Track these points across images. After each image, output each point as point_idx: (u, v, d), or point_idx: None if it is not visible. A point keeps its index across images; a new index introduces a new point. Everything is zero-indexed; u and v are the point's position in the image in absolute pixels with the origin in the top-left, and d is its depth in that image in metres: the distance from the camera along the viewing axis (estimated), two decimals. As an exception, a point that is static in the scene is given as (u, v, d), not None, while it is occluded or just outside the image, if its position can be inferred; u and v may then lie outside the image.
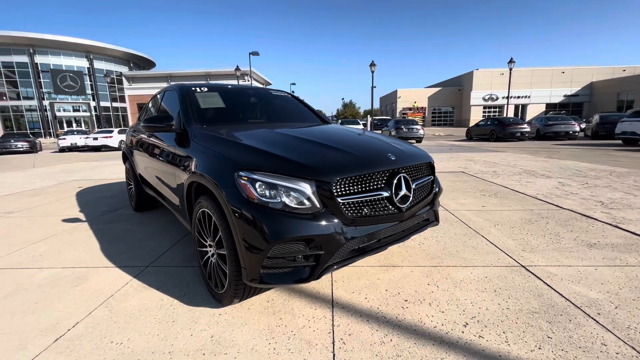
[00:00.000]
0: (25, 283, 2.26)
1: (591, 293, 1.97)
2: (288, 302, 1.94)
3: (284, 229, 1.48)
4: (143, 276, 2.31)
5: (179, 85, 2.84)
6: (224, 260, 1.78)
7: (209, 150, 1.94)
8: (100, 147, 17.13)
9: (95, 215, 3.97)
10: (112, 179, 6.89)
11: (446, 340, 1.57)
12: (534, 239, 2.86)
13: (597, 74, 39.85)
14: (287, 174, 1.57)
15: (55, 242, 3.04)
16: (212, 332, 1.67)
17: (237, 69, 23.99)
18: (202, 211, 1.90)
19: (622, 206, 3.83)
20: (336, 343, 1.57)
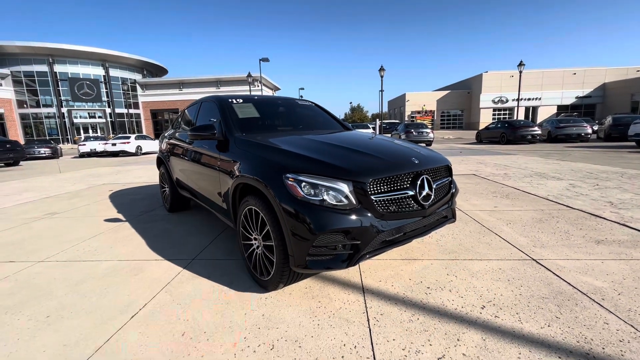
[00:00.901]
0: (90, 273, 2.58)
1: (597, 282, 2.18)
2: (324, 289, 2.21)
3: (327, 222, 1.76)
4: (191, 267, 2.61)
5: (217, 97, 3.15)
6: (270, 251, 2.06)
7: (254, 156, 2.23)
8: (118, 152, 17.76)
9: (134, 215, 4.31)
10: (138, 183, 7.29)
11: (466, 319, 1.82)
12: (544, 236, 3.07)
13: (609, 74, 39.34)
14: (328, 175, 1.85)
15: (105, 239, 3.38)
16: (263, 311, 1.95)
17: (249, 75, 24.56)
18: (248, 209, 2.19)
19: (631, 206, 3.99)
20: (371, 320, 1.83)
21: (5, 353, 1.65)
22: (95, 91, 36.23)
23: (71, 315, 1.98)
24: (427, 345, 1.61)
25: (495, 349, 1.57)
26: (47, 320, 1.94)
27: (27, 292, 2.29)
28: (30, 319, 1.95)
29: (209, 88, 38.17)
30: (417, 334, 1.71)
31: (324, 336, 1.71)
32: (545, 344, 1.60)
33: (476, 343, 1.62)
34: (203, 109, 3.40)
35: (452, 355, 1.54)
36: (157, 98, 38.86)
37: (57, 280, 2.46)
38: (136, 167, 11.27)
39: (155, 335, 1.75)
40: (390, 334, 1.71)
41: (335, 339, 1.68)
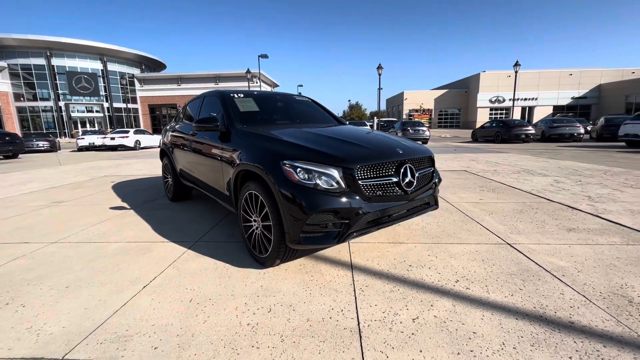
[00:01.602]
0: (101, 252, 2.80)
1: (561, 262, 2.44)
2: (316, 266, 2.45)
3: (319, 203, 1.99)
4: (195, 248, 2.84)
5: (219, 92, 3.37)
6: (268, 230, 2.28)
7: (255, 145, 2.45)
8: (117, 146, 17.88)
9: (137, 204, 4.52)
10: (138, 175, 7.48)
11: (440, 290, 2.06)
12: (521, 225, 3.32)
13: (605, 76, 39.79)
14: (320, 162, 2.08)
15: (112, 224, 3.60)
16: (261, 283, 2.19)
17: (248, 72, 24.68)
18: (249, 193, 2.42)
19: (607, 200, 4.26)
20: (357, 291, 2.07)
21: (34, 314, 1.87)
22: (93, 85, 36.18)
23: (88, 286, 2.20)
24: (404, 309, 1.85)
25: (462, 312, 1.82)
26: (66, 290, 2.16)
27: (45, 268, 2.51)
28: (52, 289, 2.17)
29: (208, 84, 38.19)
30: (397, 301, 1.95)
31: (315, 302, 1.95)
32: (506, 309, 1.85)
33: (447, 308, 1.87)
34: (206, 103, 3.61)
35: (425, 317, 1.79)
36: (155, 93, 38.85)
37: (72, 258, 2.68)
38: (136, 160, 11.44)
39: (165, 302, 1.98)
40: (373, 301, 1.95)
41: (325, 305, 1.92)
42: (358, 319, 1.77)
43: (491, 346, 1.54)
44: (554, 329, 1.66)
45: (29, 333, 1.70)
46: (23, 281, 2.30)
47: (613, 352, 1.49)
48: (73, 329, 1.73)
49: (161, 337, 1.65)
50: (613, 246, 2.72)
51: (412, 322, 1.74)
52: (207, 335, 1.66)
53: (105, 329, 1.72)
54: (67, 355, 1.53)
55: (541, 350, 1.51)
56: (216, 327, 1.72)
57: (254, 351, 1.54)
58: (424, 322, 1.74)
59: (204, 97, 3.75)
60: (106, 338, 1.64)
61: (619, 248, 2.68)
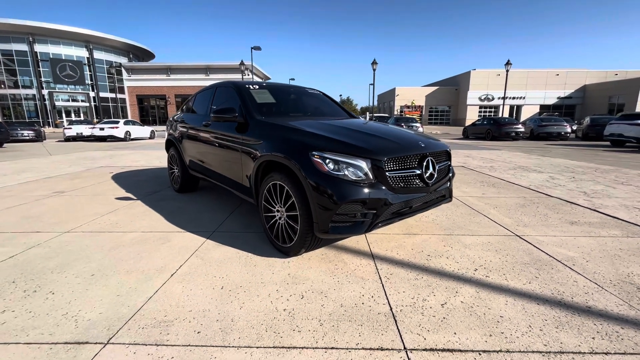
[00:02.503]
0: (119, 242, 2.78)
1: (569, 253, 2.57)
2: (338, 255, 2.51)
3: (348, 193, 2.05)
4: (214, 238, 2.85)
5: (234, 83, 3.36)
6: (293, 220, 2.33)
7: (279, 136, 2.48)
8: (106, 137, 17.43)
9: (143, 195, 4.48)
10: (136, 166, 7.36)
11: (462, 278, 2.16)
12: (526, 218, 3.46)
13: (590, 77, 40.92)
14: (349, 153, 2.13)
15: (122, 215, 3.56)
16: (288, 272, 2.23)
17: (242, 63, 24.34)
18: (273, 184, 2.45)
19: (602, 196, 4.46)
20: (382, 278, 2.15)
21: (66, 301, 1.87)
22: (79, 73, 35.06)
23: (114, 274, 2.20)
24: (431, 296, 1.94)
25: (486, 298, 1.91)
26: (92, 278, 2.16)
27: (64, 256, 2.49)
28: (78, 277, 2.17)
29: (198, 75, 37.51)
30: (422, 288, 2.03)
31: (345, 289, 2.01)
32: (526, 295, 1.96)
33: (471, 294, 1.96)
34: (219, 94, 3.59)
35: (453, 302, 1.87)
36: (144, 83, 37.85)
37: (90, 247, 2.66)
38: (129, 151, 11.22)
39: (197, 289, 2.01)
40: (400, 288, 2.03)
41: (355, 291, 1.98)
42: (390, 305, 1.84)
43: (519, 328, 1.64)
44: (573, 313, 1.77)
45: (65, 319, 1.71)
46: (45, 269, 2.28)
47: (630, 332, 1.61)
48: (111, 314, 1.74)
49: (201, 322, 1.68)
50: (615, 238, 2.88)
51: (441, 307, 1.83)
52: (246, 320, 1.70)
53: (143, 314, 1.75)
54: (112, 339, 1.55)
55: (565, 332, 1.61)
56: (254, 313, 1.76)
57: (295, 334, 1.59)
58: (452, 307, 1.82)
59: (215, 87, 3.72)
60: (147, 323, 1.67)
61: (620, 240, 2.84)
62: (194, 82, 36.83)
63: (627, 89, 35.21)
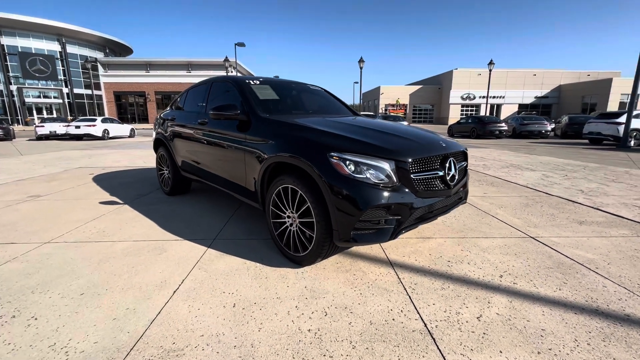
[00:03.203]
0: (108, 253, 2.50)
1: (588, 255, 2.50)
2: (354, 263, 2.34)
3: (373, 198, 1.87)
4: (215, 246, 2.62)
5: (233, 78, 3.11)
6: (308, 227, 2.14)
7: (290, 136, 2.27)
8: (82, 135, 16.54)
9: (130, 198, 4.15)
10: (119, 167, 6.93)
11: (490, 286, 2.03)
12: (534, 218, 3.41)
13: (564, 77, 42.53)
14: (371, 154, 1.96)
15: (109, 221, 3.25)
16: (304, 284, 2.04)
17: (226, 60, 23.69)
18: (283, 187, 2.24)
19: (599, 194, 4.50)
20: (407, 289, 1.99)
21: (52, 328, 1.61)
22: (50, 68, 33.21)
23: (107, 292, 1.94)
24: (464, 308, 1.80)
25: (521, 309, 1.79)
26: (82, 297, 1.89)
27: (46, 272, 2.20)
28: (64, 297, 1.89)
29: (179, 71, 36.39)
30: (452, 299, 1.89)
31: (370, 303, 1.84)
32: (561, 303, 1.85)
33: (504, 305, 1.83)
34: (215, 90, 3.34)
35: (488, 314, 1.74)
36: (122, 79, 36.36)
37: (75, 260, 2.37)
38: (109, 151, 10.63)
39: (206, 308, 1.78)
40: (429, 300, 1.88)
41: (381, 305, 1.82)
42: (423, 320, 1.69)
43: (566, 343, 1.52)
44: (615, 323, 1.67)
45: (54, 352, 1.45)
46: (24, 289, 1.99)
47: (679, 344, 1.52)
48: (108, 344, 1.50)
49: (217, 349, 1.47)
50: (626, 238, 2.85)
51: (477, 320, 1.69)
52: (268, 344, 1.50)
53: (148, 342, 1.51)
54: (113, 377, 1.32)
55: (614, 346, 1.51)
56: (275, 335, 1.56)
57: (327, 360, 1.41)
58: (489, 320, 1.69)
59: (211, 83, 3.46)
60: (153, 354, 1.44)
61: (632, 240, 2.81)
62: (175, 79, 35.72)
63: (599, 89, 36.86)
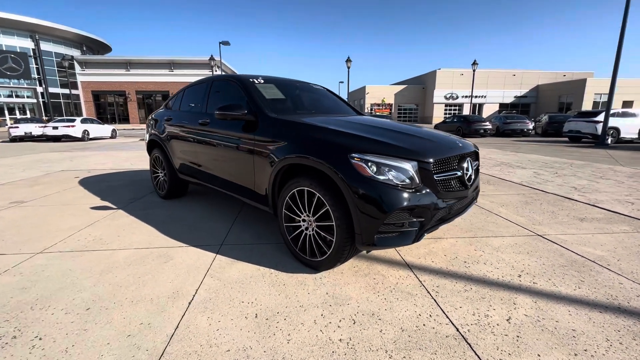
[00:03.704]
0: (110, 262, 2.35)
1: (597, 252, 2.55)
2: (371, 266, 2.28)
3: (398, 200, 1.82)
4: (224, 252, 2.51)
5: (237, 77, 3.00)
6: (326, 231, 2.06)
7: (305, 136, 2.18)
8: (60, 137, 15.81)
9: (123, 202, 3.95)
10: (105, 170, 6.63)
11: (511, 287, 2.02)
12: (537, 216, 3.46)
13: (542, 77, 44.08)
14: (393, 155, 1.91)
15: (105, 228, 3.07)
16: (325, 290, 1.97)
17: (212, 59, 23.19)
18: (298, 190, 2.16)
19: (591, 190, 4.63)
20: (431, 292, 1.95)
21: (61, 349, 1.47)
22: (23, 67, 31.66)
23: (116, 306, 1.81)
24: (491, 310, 1.77)
25: (547, 309, 1.78)
26: (89, 313, 1.75)
27: (44, 285, 2.03)
28: (69, 313, 1.75)
29: (162, 70, 35.42)
30: (478, 301, 1.86)
31: (397, 308, 1.79)
32: (584, 302, 1.85)
33: (530, 305, 1.82)
34: (217, 89, 3.21)
35: (517, 316, 1.72)
36: (100, 78, 35.02)
37: (75, 272, 2.21)
38: (91, 152, 10.18)
39: (226, 320, 1.69)
40: (455, 303, 1.84)
41: (409, 310, 1.77)
42: (454, 324, 1.65)
43: (599, 343, 1.52)
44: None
45: (67, 375, 1.33)
46: (22, 305, 1.83)
47: None
48: (127, 364, 1.38)
49: (247, 365, 1.38)
50: (628, 234, 2.92)
51: (507, 323, 1.66)
52: (300, 357, 1.42)
53: (170, 360, 1.41)
54: (140, 402, 1.21)
55: (645, 344, 1.51)
56: (306, 347, 1.49)
57: (365, 372, 1.35)
58: (519, 322, 1.67)
59: (211, 82, 3.33)
60: (179, 373, 1.33)
61: (634, 236, 2.88)
62: (158, 78, 34.76)
63: (574, 89, 38.42)
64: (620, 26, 11.73)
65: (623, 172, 6.28)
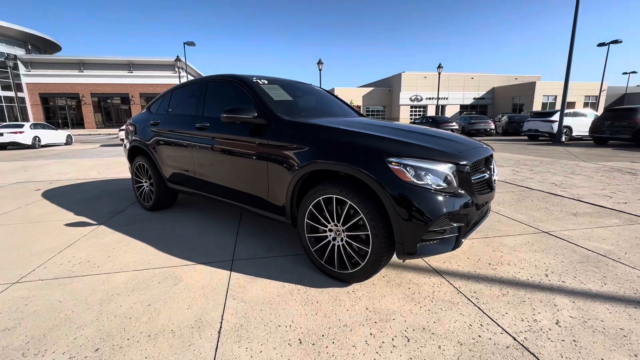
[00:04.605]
0: (108, 289, 2.04)
1: (603, 246, 2.65)
2: (401, 275, 2.19)
3: (442, 206, 1.74)
4: (238, 269, 2.29)
5: (239, 77, 2.77)
6: (359, 241, 1.94)
7: (332, 141, 2.03)
8: (6, 144, 14.20)
9: (102, 217, 3.54)
10: (69, 180, 5.98)
11: (543, 287, 2.02)
12: (534, 213, 3.57)
13: (497, 80, 47.23)
14: (431, 158, 1.83)
15: (89, 248, 2.71)
16: (363, 305, 1.84)
17: (178, 59, 22.05)
18: (325, 198, 2.01)
19: (570, 186, 4.92)
20: (471, 299, 1.89)
21: (77, 405, 1.21)
22: (-46, 66, 28.12)
23: (131, 344, 1.55)
24: (537, 314, 1.74)
25: (587, 308, 1.79)
26: (100, 355, 1.48)
27: (32, 324, 1.70)
28: (73, 357, 1.46)
29: (120, 71, 33.25)
30: (520, 305, 1.83)
31: (445, 320, 1.70)
32: (616, 298, 1.89)
33: (570, 306, 1.82)
34: (214, 91, 2.96)
35: (563, 318, 1.70)
36: (49, 80, 32.11)
37: (67, 303, 1.89)
38: (47, 161, 9.20)
39: (268, 348, 1.50)
40: (499, 309, 1.79)
41: (458, 321, 1.69)
42: (508, 333, 1.59)
43: (650, 341, 1.53)
44: (673, 313, 1.74)
45: None
46: (10, 352, 1.50)
47: None
48: (168, 417, 1.16)
49: (311, 402, 1.21)
50: (621, 227, 3.09)
51: (558, 327, 1.64)
52: (367, 387, 1.28)
53: (219, 406, 1.20)
54: None
55: (689, 337, 1.55)
56: (369, 374, 1.35)
57: (442, 397, 1.23)
58: (568, 325, 1.65)
59: (206, 83, 3.06)
60: (236, 422, 1.13)
61: (627, 228, 3.05)
62: (116, 80, 32.57)
63: (525, 91, 41.57)
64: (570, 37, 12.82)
65: (588, 167, 6.78)
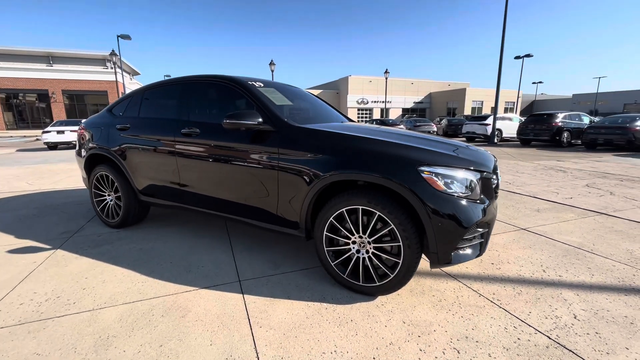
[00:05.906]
0: (98, 331, 1.69)
1: (574, 239, 2.98)
2: (420, 283, 2.19)
3: (474, 214, 1.77)
4: (250, 291, 2.08)
5: (233, 79, 2.52)
6: (387, 253, 1.89)
7: (357, 149, 1.93)
8: None
9: (56, 239, 2.97)
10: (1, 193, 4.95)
11: (548, 283, 2.19)
12: (505, 210, 3.90)
13: (433, 86, 51.40)
14: (460, 167, 1.85)
15: (52, 280, 2.23)
16: (399, 318, 1.79)
17: (113, 54, 19.76)
18: (348, 209, 1.92)
19: (521, 184, 5.50)
20: (494, 301, 1.96)
21: None
22: None
23: (156, 397, 1.29)
24: (555, 310, 1.87)
25: (591, 300, 1.98)
26: (118, 418, 1.20)
27: (8, 390, 1.32)
28: None
29: (37, 64, 28.84)
30: (538, 303, 1.95)
31: (481, 326, 1.73)
32: (608, 288, 2.12)
33: (577, 300, 1.99)
34: (201, 92, 2.65)
35: (578, 312, 1.85)
36: (-63, 70, 26.51)
37: (51, 356, 1.51)
38: (-51, 171, 7.52)
39: (323, 381, 1.36)
40: (523, 309, 1.88)
41: (493, 326, 1.73)
42: (541, 332, 1.67)
43: (652, 325, 1.73)
44: (655, 297, 2.00)
45: None
46: None
47: None
48: None
49: None
50: (579, 220, 3.52)
51: (577, 321, 1.77)
52: (444, 410, 1.23)
53: None
54: None
55: (677, 318, 1.79)
56: (438, 395, 1.30)
57: (516, 409, 1.24)
58: (585, 318, 1.80)
59: (190, 83, 2.74)
60: None
61: (584, 221, 3.48)
62: (30, 74, 28.10)
63: (457, 96, 45.93)
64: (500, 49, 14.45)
65: (527, 166, 7.67)
